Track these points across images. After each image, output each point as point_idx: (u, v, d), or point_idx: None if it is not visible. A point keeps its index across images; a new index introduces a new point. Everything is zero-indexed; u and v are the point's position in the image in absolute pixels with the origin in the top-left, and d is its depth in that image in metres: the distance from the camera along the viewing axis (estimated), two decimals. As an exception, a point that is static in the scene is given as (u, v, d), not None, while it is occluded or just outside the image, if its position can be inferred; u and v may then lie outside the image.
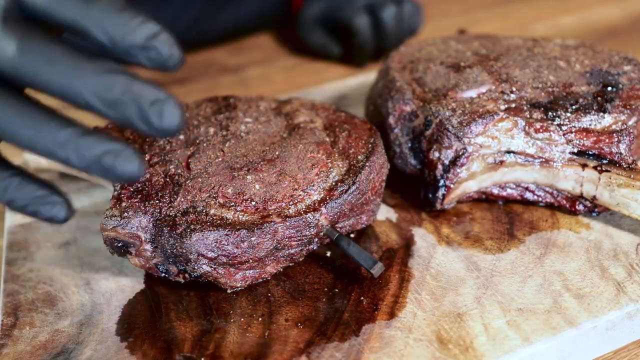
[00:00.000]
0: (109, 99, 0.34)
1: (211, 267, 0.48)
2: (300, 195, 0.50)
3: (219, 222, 0.47)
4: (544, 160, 0.55)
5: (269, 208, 0.49)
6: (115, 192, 0.50)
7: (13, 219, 0.62)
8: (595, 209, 0.55)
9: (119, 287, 0.52)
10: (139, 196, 0.50)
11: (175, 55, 0.34)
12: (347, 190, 0.51)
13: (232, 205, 0.48)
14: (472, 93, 0.57)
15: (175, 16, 0.94)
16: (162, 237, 0.48)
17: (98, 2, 0.35)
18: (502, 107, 0.55)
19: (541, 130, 0.54)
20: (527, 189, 0.57)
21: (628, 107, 0.55)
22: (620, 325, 0.47)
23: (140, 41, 0.34)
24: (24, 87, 0.36)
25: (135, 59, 0.34)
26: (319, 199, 0.50)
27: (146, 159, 0.53)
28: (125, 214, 0.48)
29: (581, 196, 0.55)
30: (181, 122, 0.34)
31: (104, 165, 0.34)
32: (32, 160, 0.67)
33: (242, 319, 0.48)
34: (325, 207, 0.50)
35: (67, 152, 0.34)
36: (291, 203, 0.49)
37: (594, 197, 0.54)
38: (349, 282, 0.51)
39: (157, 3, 0.93)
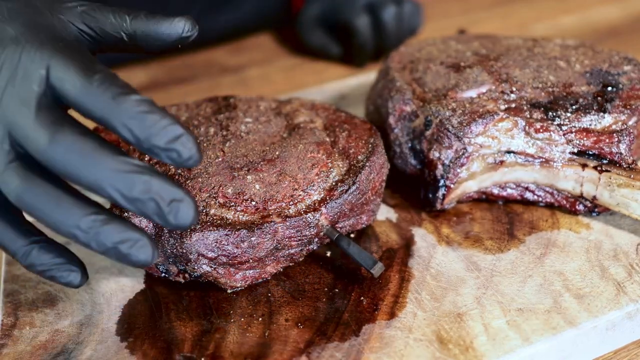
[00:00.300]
0: (130, 197, 0.36)
1: (211, 267, 0.48)
2: (300, 195, 0.50)
3: (219, 222, 0.47)
4: (544, 160, 0.55)
5: (269, 208, 0.49)
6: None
7: (13, 219, 0.62)
8: (595, 209, 0.55)
9: (119, 287, 0.52)
10: (139, 196, 0.49)
11: (195, 157, 0.37)
12: (347, 190, 0.51)
13: (232, 205, 0.48)
14: (472, 93, 0.57)
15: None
16: (162, 237, 0.48)
17: (126, 101, 0.37)
18: (502, 107, 0.55)
19: (541, 130, 0.54)
20: (527, 189, 0.57)
21: (628, 107, 0.55)
22: (620, 325, 0.47)
23: (163, 144, 0.37)
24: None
25: (158, 157, 0.37)
26: (319, 199, 0.50)
27: (146, 159, 0.53)
28: (126, 214, 0.48)
29: (581, 196, 0.55)
30: (194, 219, 0.37)
31: (120, 253, 0.37)
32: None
33: (242, 319, 0.48)
34: (325, 207, 0.50)
35: (88, 238, 0.37)
36: (291, 203, 0.49)
37: (594, 197, 0.54)
38: (349, 282, 0.51)
39: (159, 4, 0.93)
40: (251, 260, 0.48)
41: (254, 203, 0.49)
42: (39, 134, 0.37)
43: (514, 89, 0.57)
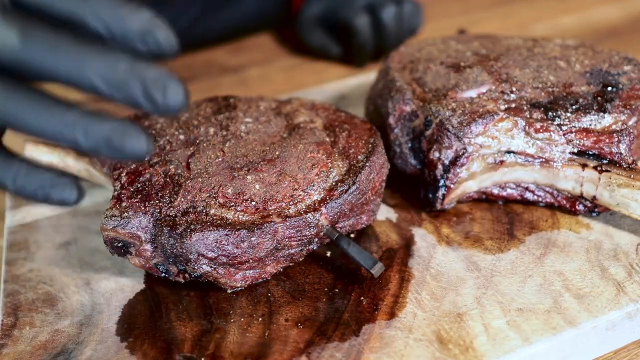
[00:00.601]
0: (114, 79, 0.34)
1: (211, 267, 0.48)
2: (300, 195, 0.50)
3: (219, 222, 0.47)
4: (544, 160, 0.55)
5: (269, 208, 0.49)
6: (115, 192, 0.50)
7: (13, 219, 0.62)
8: (595, 209, 0.55)
9: (119, 287, 0.52)
10: (139, 196, 0.50)
11: (172, 40, 0.35)
12: (347, 190, 0.51)
13: (232, 205, 0.48)
14: (472, 93, 0.57)
15: (175, 16, 0.94)
16: (162, 237, 0.48)
17: None
18: (502, 107, 0.55)
19: (541, 130, 0.54)
20: (527, 189, 0.57)
21: (628, 107, 0.55)
22: (620, 325, 0.47)
23: (137, 27, 0.35)
24: (29, 79, 0.36)
25: (132, 45, 0.35)
26: (319, 199, 0.50)
27: (146, 159, 0.53)
28: (125, 214, 0.48)
29: (581, 196, 0.55)
30: (185, 99, 0.34)
31: (112, 144, 0.35)
32: (32, 160, 0.67)
33: (242, 319, 0.48)
34: (325, 207, 0.50)
35: (76, 132, 0.35)
36: (291, 203, 0.49)
37: (594, 197, 0.54)
38: (349, 282, 0.51)
39: (157, 3, 0.93)
40: (251, 260, 0.48)
41: (254, 203, 0.49)
42: (8, 34, 0.34)
43: (514, 89, 0.57)
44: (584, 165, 0.54)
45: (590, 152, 0.54)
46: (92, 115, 0.35)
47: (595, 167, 0.53)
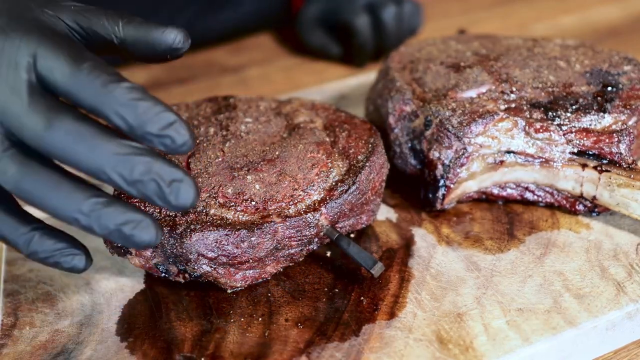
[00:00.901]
0: (131, 180, 0.36)
1: (211, 267, 0.48)
2: (300, 195, 0.50)
3: (219, 222, 0.47)
4: (544, 160, 0.55)
5: (269, 208, 0.49)
6: (115, 192, 0.50)
7: (13, 219, 0.62)
8: (595, 209, 0.55)
9: (119, 287, 0.52)
10: (139, 196, 0.49)
11: (188, 142, 0.37)
12: (347, 190, 0.51)
13: (232, 205, 0.48)
14: (472, 93, 0.57)
15: (175, 16, 0.94)
16: (162, 237, 0.48)
17: (117, 88, 0.37)
18: (502, 107, 0.55)
19: (541, 130, 0.54)
20: (527, 189, 0.57)
21: (628, 107, 0.55)
22: (620, 325, 0.47)
23: (156, 131, 0.36)
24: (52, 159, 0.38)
25: (151, 144, 0.37)
26: (319, 199, 0.50)
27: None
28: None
29: (581, 196, 0.55)
30: (195, 200, 0.37)
31: (123, 234, 0.37)
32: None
33: (242, 319, 0.48)
34: (325, 207, 0.50)
35: (90, 221, 0.37)
36: (291, 203, 0.49)
37: (594, 197, 0.54)
38: (349, 282, 0.51)
39: (157, 3, 0.93)
40: (251, 260, 0.48)
41: (254, 203, 0.49)
42: (35, 120, 0.36)
43: (514, 89, 0.57)
44: (584, 165, 0.54)
45: (590, 152, 0.54)
46: (108, 205, 0.37)
47: (595, 167, 0.53)
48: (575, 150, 0.54)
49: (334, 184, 0.51)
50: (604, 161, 0.53)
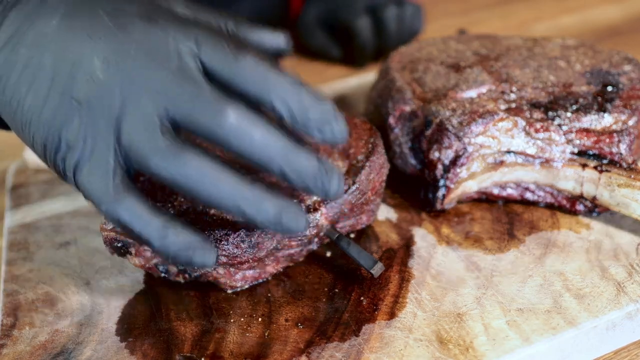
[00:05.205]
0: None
1: (211, 267, 0.48)
2: (300, 195, 0.50)
3: (218, 222, 0.47)
4: (544, 160, 0.55)
5: (269, 208, 0.49)
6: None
7: (13, 219, 0.62)
8: (595, 209, 0.55)
9: (119, 287, 0.52)
10: (139, 196, 0.49)
11: (345, 133, 0.38)
12: (347, 190, 0.51)
13: (232, 205, 0.48)
14: (472, 93, 0.57)
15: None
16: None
17: (281, 76, 0.37)
18: (502, 107, 0.55)
19: (541, 130, 0.54)
20: (527, 189, 0.57)
21: (628, 107, 0.55)
22: (621, 326, 0.47)
23: (318, 117, 0.37)
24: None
25: (310, 132, 0.37)
26: (318, 199, 0.50)
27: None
28: None
29: (581, 196, 0.55)
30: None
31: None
32: (32, 160, 0.67)
33: (242, 319, 0.48)
34: (325, 207, 0.50)
35: (253, 209, 0.38)
36: (291, 203, 0.49)
37: (594, 197, 0.54)
38: (349, 282, 0.51)
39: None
40: (251, 260, 0.48)
41: (254, 203, 0.49)
42: (208, 107, 0.37)
43: (514, 89, 0.57)
44: (584, 165, 0.54)
45: (591, 152, 0.54)
46: (268, 190, 0.38)
47: (595, 167, 0.53)
48: (576, 150, 0.54)
49: (334, 184, 0.51)
50: (604, 161, 0.53)
